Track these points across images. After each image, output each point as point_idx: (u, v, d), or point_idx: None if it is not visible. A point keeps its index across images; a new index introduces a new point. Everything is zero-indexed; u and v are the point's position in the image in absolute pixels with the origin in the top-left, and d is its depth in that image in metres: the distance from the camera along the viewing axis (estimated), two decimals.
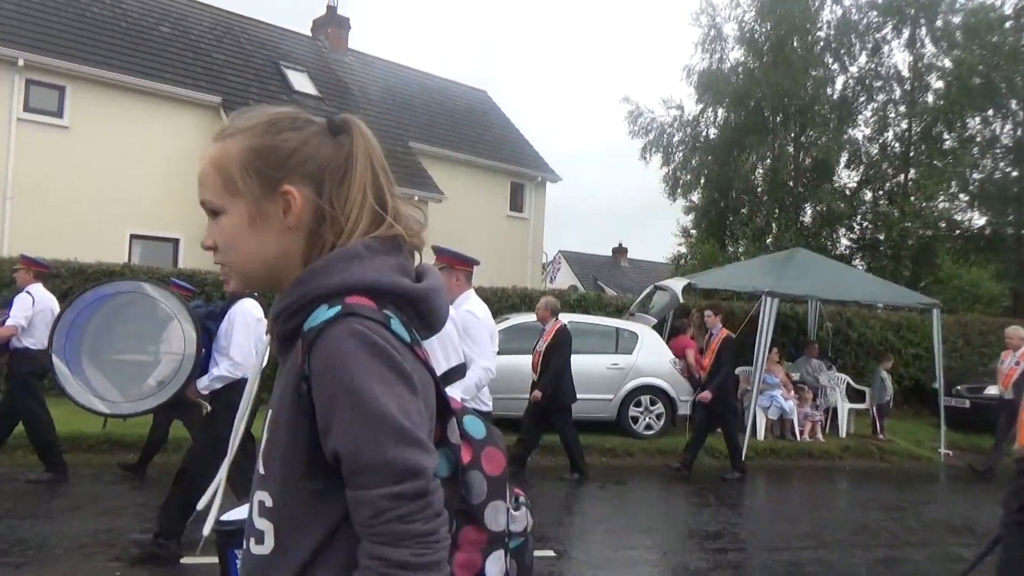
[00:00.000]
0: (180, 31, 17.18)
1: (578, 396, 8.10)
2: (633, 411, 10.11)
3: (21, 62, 13.28)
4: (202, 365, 4.72)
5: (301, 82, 18.22)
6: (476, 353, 4.02)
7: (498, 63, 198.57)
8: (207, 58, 16.81)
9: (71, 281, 10.36)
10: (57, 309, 6.15)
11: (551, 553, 5.49)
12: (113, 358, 4.74)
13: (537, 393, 7.78)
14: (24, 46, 13.55)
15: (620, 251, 40.56)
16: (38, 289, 6.64)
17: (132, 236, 14.56)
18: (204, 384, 4.74)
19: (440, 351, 3.39)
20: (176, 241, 15.07)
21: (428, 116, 21.16)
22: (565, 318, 10.28)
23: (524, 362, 8.57)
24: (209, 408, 4.85)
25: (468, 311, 4.13)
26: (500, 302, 11.71)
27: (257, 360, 4.52)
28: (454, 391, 4.04)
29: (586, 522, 6.66)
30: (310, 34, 21.53)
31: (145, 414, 5.07)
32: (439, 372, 4.73)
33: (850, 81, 21.74)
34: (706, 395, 8.40)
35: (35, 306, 6.47)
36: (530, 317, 10.41)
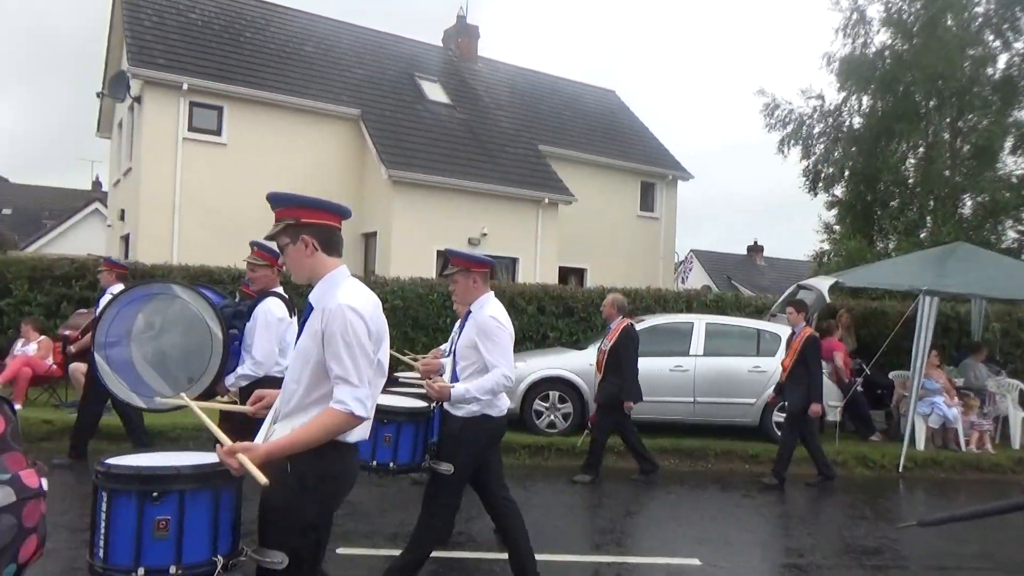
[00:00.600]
0: (323, 49, 18.17)
1: (719, 400, 7.84)
2: (777, 416, 9.69)
3: (185, 86, 14.47)
4: (229, 363, 4.81)
5: (434, 91, 18.77)
6: (496, 359, 3.95)
7: (626, 62, 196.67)
8: (347, 73, 17.68)
9: (232, 286, 11.15)
10: None
11: (696, 562, 5.34)
12: (147, 355, 4.81)
13: (629, 403, 7.49)
14: (188, 72, 14.76)
15: (755, 249, 39.02)
16: (118, 289, 7.03)
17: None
18: (231, 381, 4.82)
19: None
20: None
21: (557, 119, 21.24)
22: (701, 319, 10.02)
23: (666, 364, 8.40)
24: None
25: (491, 316, 4.04)
26: (634, 303, 11.56)
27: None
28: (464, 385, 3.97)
29: (731, 531, 6.42)
30: (441, 44, 22.16)
31: (176, 410, 5.14)
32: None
33: (1015, 59, 19.85)
34: (816, 408, 7.70)
35: None
36: (667, 318, 10.22)
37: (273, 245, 4.72)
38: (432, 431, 4.46)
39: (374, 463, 4.14)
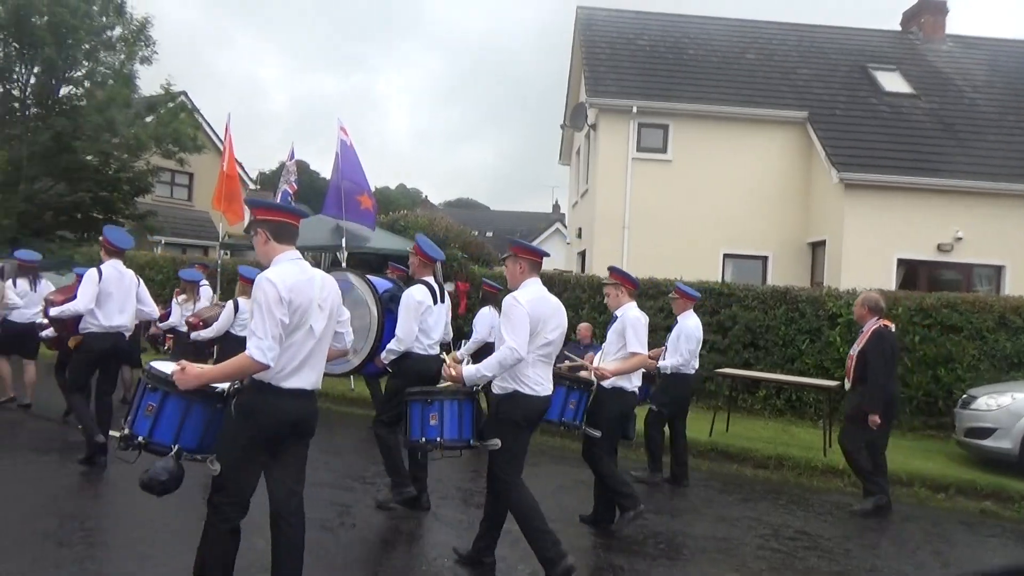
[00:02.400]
0: (765, 55, 17.67)
1: None
2: None
3: (635, 109, 15.35)
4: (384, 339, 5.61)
5: (892, 82, 16.81)
6: (507, 334, 4.16)
7: None
8: (792, 75, 16.88)
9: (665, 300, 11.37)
10: None
11: None
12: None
13: (874, 419, 6.37)
14: (636, 96, 15.65)
15: None
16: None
17: (725, 255, 15.41)
18: (383, 355, 5.55)
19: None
20: (765, 259, 15.40)
21: None
22: None
23: None
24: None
25: (512, 296, 4.31)
26: None
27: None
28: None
29: None
30: (899, 28, 19.82)
31: (343, 376, 6.25)
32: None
33: None
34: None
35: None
36: None
37: (423, 242, 5.73)
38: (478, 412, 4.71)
39: (423, 440, 4.62)
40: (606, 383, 5.39)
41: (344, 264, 10.83)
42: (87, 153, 18.12)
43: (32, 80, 18.34)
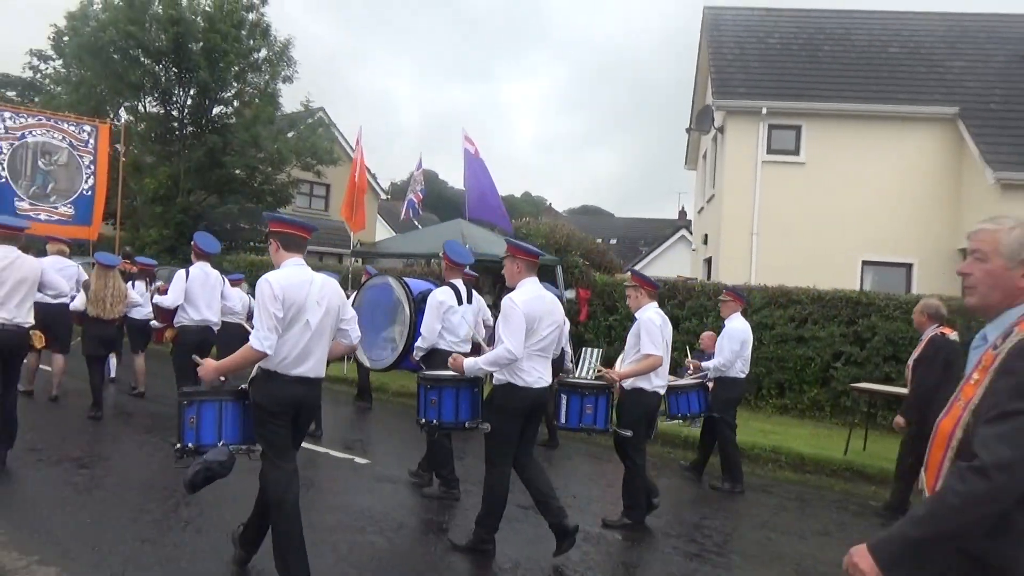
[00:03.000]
0: (910, 47, 16.54)
1: None
2: None
3: (764, 110, 14.77)
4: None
5: None
6: (504, 335, 4.47)
7: None
8: (940, 68, 15.69)
9: (811, 307, 10.82)
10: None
11: None
12: (370, 328, 6.44)
13: (899, 420, 6.40)
14: (766, 96, 15.06)
15: None
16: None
17: (864, 262, 14.51)
18: (414, 352, 5.98)
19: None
20: (909, 266, 14.37)
21: None
22: None
23: None
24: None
25: (509, 298, 4.57)
26: None
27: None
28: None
29: None
30: None
31: (386, 370, 6.70)
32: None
33: None
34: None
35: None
36: None
37: (450, 248, 6.09)
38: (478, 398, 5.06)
39: (422, 420, 5.09)
40: (625, 384, 5.61)
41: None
42: (235, 167, 19.47)
43: (189, 102, 19.94)
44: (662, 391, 5.70)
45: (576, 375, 9.83)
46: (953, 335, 6.39)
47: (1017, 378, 1.76)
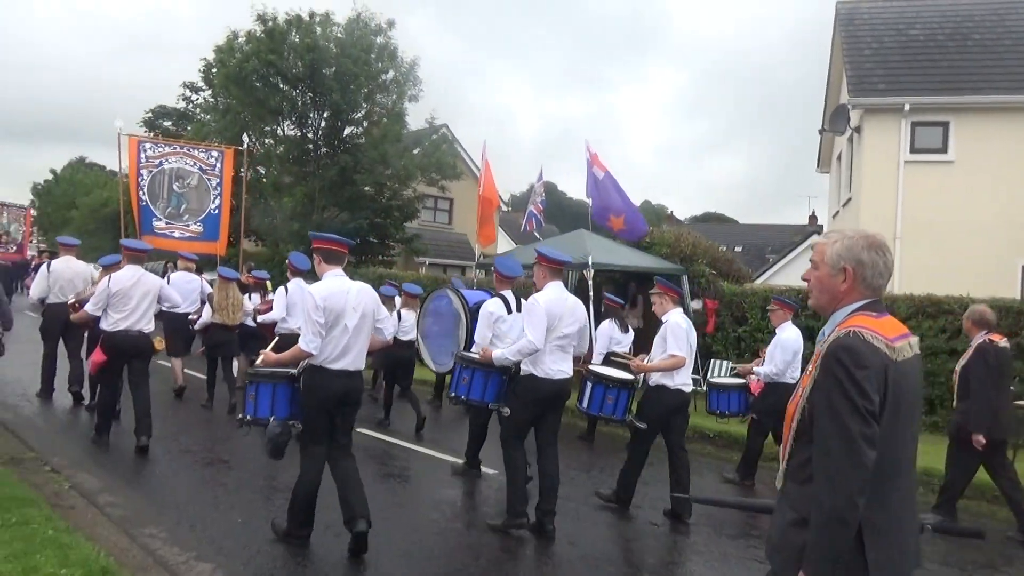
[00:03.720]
0: None
1: None
2: None
3: (907, 107, 13.83)
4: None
5: None
6: (527, 328, 5.15)
7: None
8: None
9: (957, 317, 9.98)
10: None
11: None
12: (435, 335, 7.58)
13: (978, 438, 5.97)
14: (909, 92, 14.11)
15: None
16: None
17: None
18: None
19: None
20: None
21: None
22: None
23: None
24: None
25: (533, 297, 5.30)
26: None
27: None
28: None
29: None
30: None
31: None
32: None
33: None
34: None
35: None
36: None
37: (500, 263, 6.55)
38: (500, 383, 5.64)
39: (452, 394, 5.76)
40: (650, 381, 6.14)
41: (590, 281, 10.99)
42: (365, 184, 20.30)
43: (323, 124, 21.01)
44: (686, 389, 6.08)
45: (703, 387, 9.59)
46: (1003, 342, 6.26)
47: (826, 387, 2.03)
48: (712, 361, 11.70)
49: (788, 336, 7.14)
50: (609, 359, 8.07)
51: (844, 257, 2.20)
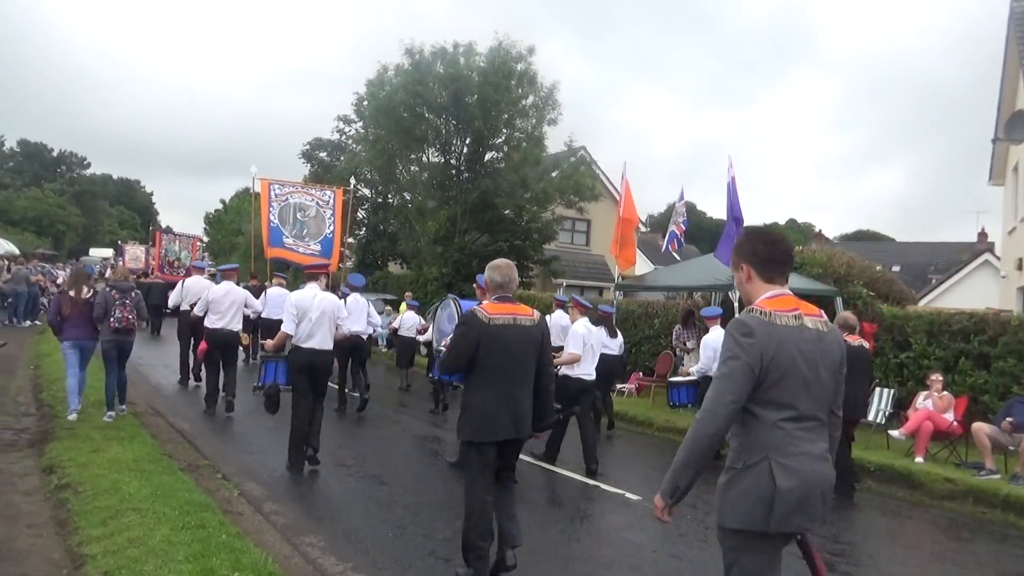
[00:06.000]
0: None
1: None
2: None
3: None
4: None
5: None
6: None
7: None
8: None
9: None
10: None
11: None
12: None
13: None
14: None
15: None
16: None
17: None
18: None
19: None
20: None
21: None
22: None
23: None
24: None
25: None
26: None
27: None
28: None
29: None
30: None
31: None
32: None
33: None
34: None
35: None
36: None
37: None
38: None
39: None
40: (559, 372, 7.71)
41: (736, 303, 10.61)
42: (505, 208, 20.73)
43: (465, 150, 21.71)
44: (586, 377, 8.01)
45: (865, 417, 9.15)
46: (856, 341, 7.59)
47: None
48: (876, 389, 10.92)
49: (712, 337, 9.02)
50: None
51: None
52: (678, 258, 16.44)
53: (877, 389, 10.77)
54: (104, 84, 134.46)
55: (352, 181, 21.57)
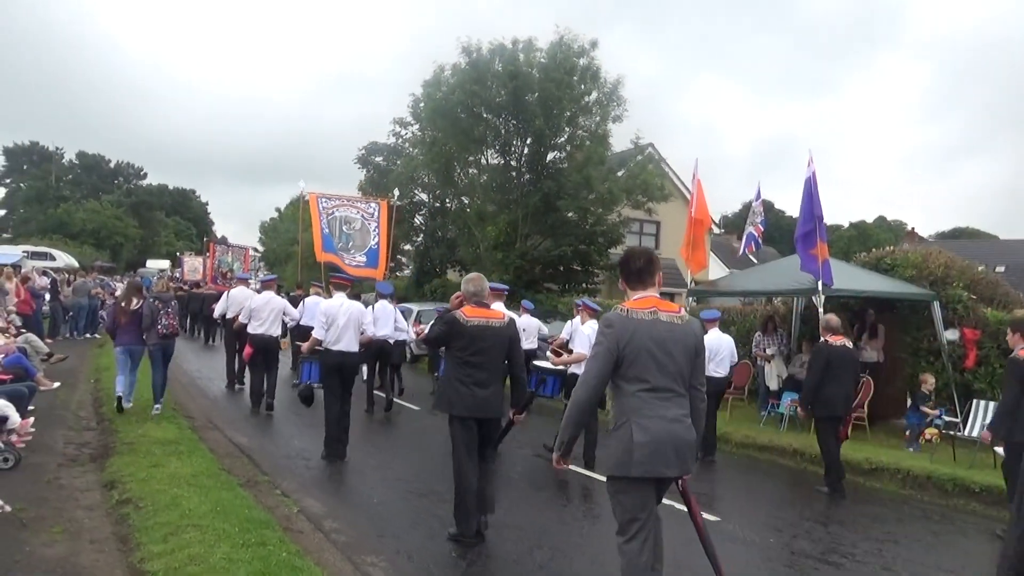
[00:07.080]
0: None
1: None
2: None
3: None
4: None
5: None
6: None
7: None
8: None
9: None
10: None
11: None
12: None
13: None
14: None
15: None
16: None
17: None
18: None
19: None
20: None
21: None
22: None
23: None
24: None
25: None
26: None
27: None
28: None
29: None
30: None
31: None
32: None
33: None
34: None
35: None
36: None
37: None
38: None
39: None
40: (570, 371, 8.52)
41: (820, 309, 9.40)
42: (568, 210, 19.75)
43: (525, 151, 20.83)
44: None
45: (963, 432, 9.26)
46: (839, 342, 7.82)
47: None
48: (974, 401, 9.55)
49: (710, 338, 8.88)
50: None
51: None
52: (755, 261, 15.10)
53: (981, 402, 9.42)
54: (157, 95, 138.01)
55: (396, 192, 21.40)
